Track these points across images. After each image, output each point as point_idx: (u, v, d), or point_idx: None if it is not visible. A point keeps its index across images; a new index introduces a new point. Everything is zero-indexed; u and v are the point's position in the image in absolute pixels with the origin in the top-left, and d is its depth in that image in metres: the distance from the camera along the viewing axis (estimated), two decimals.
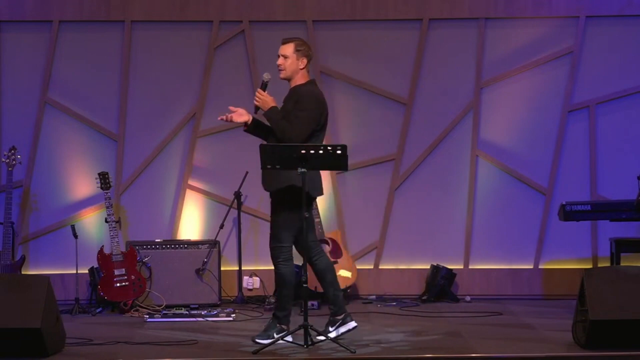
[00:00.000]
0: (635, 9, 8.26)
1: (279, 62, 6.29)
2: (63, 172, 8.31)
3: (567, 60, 8.33)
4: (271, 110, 6.21)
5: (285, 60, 6.27)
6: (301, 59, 6.27)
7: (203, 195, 8.38)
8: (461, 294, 8.21)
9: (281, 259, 6.26)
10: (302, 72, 6.30)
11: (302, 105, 6.20)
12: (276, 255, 6.27)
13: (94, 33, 8.33)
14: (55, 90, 8.31)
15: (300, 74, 6.29)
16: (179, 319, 7.30)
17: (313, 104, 6.22)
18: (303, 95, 6.23)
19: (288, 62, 6.27)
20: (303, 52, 6.28)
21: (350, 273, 8.06)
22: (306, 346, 6.01)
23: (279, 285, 6.35)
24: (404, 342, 6.29)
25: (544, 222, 8.32)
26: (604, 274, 6.06)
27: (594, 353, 5.79)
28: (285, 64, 6.27)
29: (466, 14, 8.33)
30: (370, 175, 8.43)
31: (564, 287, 8.10)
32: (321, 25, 8.39)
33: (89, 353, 6.05)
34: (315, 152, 6.05)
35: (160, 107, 8.41)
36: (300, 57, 6.27)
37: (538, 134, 8.35)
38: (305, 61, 6.29)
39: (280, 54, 6.29)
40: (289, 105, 6.26)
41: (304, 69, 6.30)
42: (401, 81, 8.39)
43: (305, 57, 6.29)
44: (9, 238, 7.74)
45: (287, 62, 6.27)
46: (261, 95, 6.23)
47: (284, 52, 6.29)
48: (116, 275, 7.70)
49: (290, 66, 6.27)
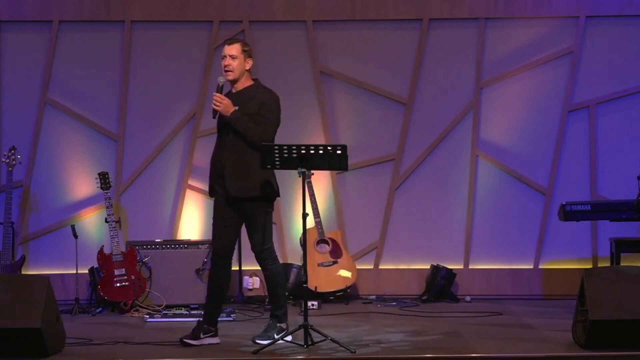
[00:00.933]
0: (635, 9, 8.26)
1: (227, 63, 6.18)
2: (63, 172, 8.31)
3: (567, 60, 8.33)
4: (236, 114, 6.11)
5: (234, 60, 6.20)
6: (247, 59, 6.24)
7: (203, 195, 8.37)
8: (461, 294, 8.21)
9: (269, 260, 6.28)
10: (247, 73, 6.27)
11: (269, 106, 6.19)
12: (265, 257, 6.27)
13: (94, 33, 8.33)
14: (55, 90, 8.31)
15: (246, 75, 6.26)
16: (179, 319, 7.30)
17: (278, 104, 6.25)
18: (267, 96, 6.23)
19: (236, 63, 6.20)
20: (249, 52, 6.25)
21: (350, 273, 8.06)
22: (306, 346, 6.01)
23: (273, 285, 6.34)
24: (404, 342, 6.29)
25: (544, 222, 8.32)
26: (604, 274, 6.06)
27: (594, 353, 5.79)
28: (233, 64, 6.19)
29: (466, 14, 8.33)
30: (370, 175, 8.43)
31: (564, 287, 8.09)
32: (321, 25, 8.39)
33: (89, 353, 6.05)
34: (315, 152, 6.05)
35: (160, 107, 8.41)
36: (247, 58, 6.24)
37: (538, 134, 8.35)
38: (251, 62, 6.27)
39: (228, 55, 6.19)
40: (251, 107, 6.16)
41: (249, 70, 6.28)
42: (401, 81, 8.39)
43: (251, 57, 6.27)
44: (9, 238, 7.74)
45: (235, 62, 6.20)
46: (222, 100, 6.13)
47: (231, 53, 6.19)
48: (116, 275, 7.70)
49: (238, 67, 6.21)
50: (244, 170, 6.16)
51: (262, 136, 6.13)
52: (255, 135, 6.13)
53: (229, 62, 6.19)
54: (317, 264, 8.02)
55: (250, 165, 6.15)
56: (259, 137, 6.13)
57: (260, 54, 8.39)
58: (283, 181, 8.30)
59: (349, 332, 6.67)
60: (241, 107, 6.15)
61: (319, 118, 8.41)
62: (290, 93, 8.39)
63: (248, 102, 6.18)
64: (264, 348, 5.98)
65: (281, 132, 8.28)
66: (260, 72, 8.36)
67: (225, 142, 6.20)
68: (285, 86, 8.40)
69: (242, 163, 6.16)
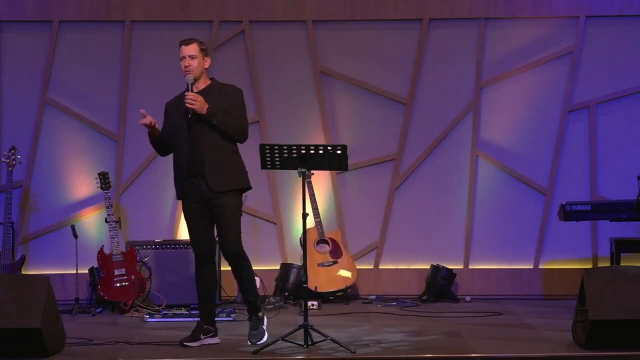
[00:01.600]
0: (635, 9, 8.26)
1: (187, 63, 6.19)
2: (63, 172, 8.32)
3: (567, 60, 8.33)
4: (212, 110, 6.11)
5: (193, 60, 6.20)
6: (206, 58, 6.26)
7: None
8: (461, 294, 8.21)
9: (244, 254, 6.28)
10: (205, 72, 6.28)
11: (240, 102, 6.25)
12: (242, 252, 6.25)
13: (94, 33, 8.33)
14: (55, 90, 8.32)
15: (205, 73, 6.28)
16: (179, 319, 7.30)
17: (243, 97, 6.31)
18: (234, 90, 6.27)
19: (196, 62, 6.20)
20: (206, 51, 6.28)
21: (350, 273, 8.06)
22: (306, 346, 6.01)
23: (249, 276, 6.31)
24: (404, 342, 6.28)
25: (544, 222, 8.32)
26: (604, 274, 6.06)
27: (594, 353, 5.79)
28: (193, 64, 6.20)
29: (466, 14, 8.33)
30: (370, 175, 8.43)
31: (564, 287, 8.10)
32: (321, 25, 8.39)
33: (89, 353, 6.05)
34: (315, 152, 6.05)
35: (160, 107, 8.36)
36: (205, 57, 6.25)
37: (538, 134, 8.35)
38: (209, 60, 6.29)
39: (187, 55, 6.20)
40: (223, 102, 6.18)
41: (207, 68, 6.29)
42: (401, 81, 8.39)
43: (208, 56, 6.29)
44: (9, 238, 7.74)
45: (195, 62, 6.20)
46: (196, 98, 6.12)
47: (190, 53, 6.19)
48: (116, 275, 7.70)
49: (198, 66, 6.21)
50: (224, 164, 6.17)
51: (241, 128, 6.18)
52: (236, 129, 6.17)
53: (188, 62, 6.20)
54: (317, 264, 8.02)
55: (228, 158, 6.19)
56: (239, 130, 6.18)
57: (260, 54, 8.39)
58: (283, 181, 8.35)
59: (349, 332, 6.66)
60: (212, 104, 6.15)
61: (319, 118, 8.41)
62: (290, 93, 8.42)
63: (218, 98, 6.19)
64: (264, 347, 5.97)
65: (281, 132, 8.34)
66: (260, 72, 8.38)
67: (198, 139, 6.17)
68: (285, 86, 8.42)
69: (221, 157, 6.16)
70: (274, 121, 8.41)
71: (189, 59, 6.20)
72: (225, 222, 6.18)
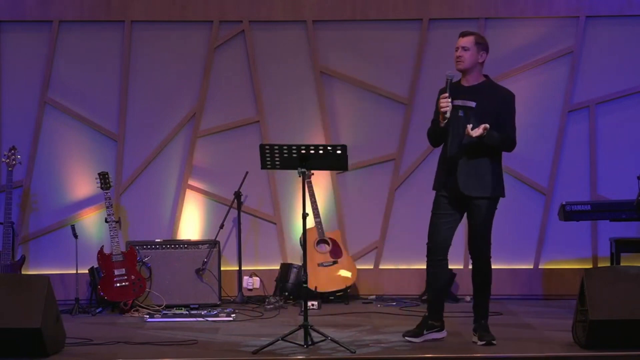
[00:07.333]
0: (635, 9, 8.26)
1: (460, 54, 6.17)
2: (63, 172, 8.31)
3: (567, 60, 8.33)
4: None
5: (465, 52, 6.20)
6: (481, 52, 6.21)
7: (203, 195, 8.38)
8: (461, 294, 8.21)
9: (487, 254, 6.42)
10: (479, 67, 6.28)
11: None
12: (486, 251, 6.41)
13: (94, 33, 8.33)
14: (55, 90, 8.31)
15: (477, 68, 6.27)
16: (179, 319, 7.30)
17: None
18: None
19: (468, 54, 6.21)
20: (483, 45, 6.23)
21: (350, 273, 8.06)
22: (306, 346, 6.01)
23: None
24: (404, 342, 6.28)
25: (544, 222, 8.32)
26: (604, 274, 6.06)
27: (594, 353, 5.79)
28: (465, 55, 6.20)
29: (466, 14, 8.33)
30: (370, 175, 8.43)
31: (564, 287, 8.10)
32: (321, 25, 8.39)
33: (89, 353, 6.05)
34: (315, 152, 6.05)
35: (160, 107, 8.41)
36: (480, 51, 6.21)
37: (538, 134, 8.35)
38: (485, 55, 6.25)
39: (460, 46, 6.20)
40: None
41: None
42: (401, 81, 8.39)
43: (485, 51, 6.26)
44: (9, 238, 7.74)
45: (467, 54, 6.20)
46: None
47: (463, 44, 6.20)
48: (116, 275, 7.70)
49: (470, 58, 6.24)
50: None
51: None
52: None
53: (460, 53, 6.20)
54: (317, 264, 8.02)
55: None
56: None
57: (260, 54, 8.39)
58: (283, 181, 8.35)
59: (349, 332, 6.67)
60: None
61: (319, 118, 8.41)
62: (290, 93, 8.42)
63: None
64: (264, 348, 5.98)
65: (281, 132, 8.34)
66: (260, 72, 8.38)
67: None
68: (286, 86, 8.42)
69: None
70: (274, 121, 8.41)
71: (462, 50, 6.17)
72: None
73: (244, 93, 8.38)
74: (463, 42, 6.18)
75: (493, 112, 6.12)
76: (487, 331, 6.19)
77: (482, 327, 6.20)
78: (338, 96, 8.43)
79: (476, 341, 6.16)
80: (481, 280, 6.29)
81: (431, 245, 6.32)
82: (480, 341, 6.12)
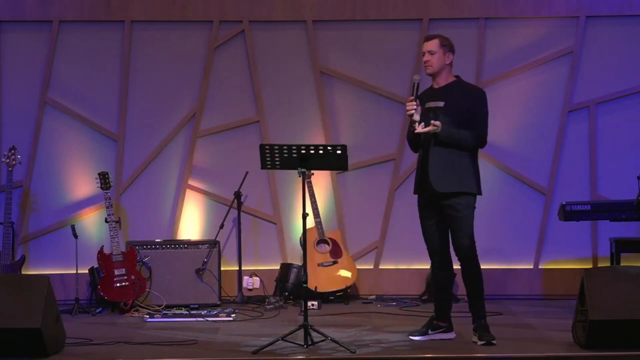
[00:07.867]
0: (635, 9, 8.26)
1: (427, 59, 6.20)
2: (63, 172, 8.32)
3: (567, 60, 8.33)
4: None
5: (432, 55, 6.21)
6: (447, 54, 6.23)
7: (203, 195, 8.38)
8: (461, 294, 8.20)
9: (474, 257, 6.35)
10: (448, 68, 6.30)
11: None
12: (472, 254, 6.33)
13: (94, 33, 8.33)
14: (55, 90, 8.32)
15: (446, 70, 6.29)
16: (179, 319, 7.30)
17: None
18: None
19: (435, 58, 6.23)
20: (448, 47, 6.24)
21: (350, 273, 8.06)
22: (306, 346, 6.01)
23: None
24: (404, 342, 6.29)
25: (544, 222, 8.32)
26: (604, 274, 6.06)
27: (594, 353, 5.79)
28: (432, 59, 6.22)
29: (466, 14, 8.33)
30: (370, 175, 8.43)
31: (564, 287, 8.10)
32: (321, 25, 8.39)
33: (89, 353, 6.05)
34: (315, 152, 6.05)
35: (160, 107, 8.41)
36: (447, 53, 6.23)
37: (538, 134, 8.35)
38: (451, 56, 6.27)
39: (426, 51, 6.23)
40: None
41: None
42: (401, 81, 8.39)
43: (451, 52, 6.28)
44: (9, 238, 7.74)
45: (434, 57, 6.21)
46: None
47: (429, 49, 6.23)
48: (116, 275, 7.70)
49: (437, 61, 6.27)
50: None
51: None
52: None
53: (427, 57, 6.22)
54: (317, 264, 8.02)
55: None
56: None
57: (260, 54, 8.39)
58: (283, 181, 8.35)
59: (349, 332, 6.67)
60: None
61: (319, 118, 8.41)
62: (290, 93, 8.42)
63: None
64: (264, 348, 5.98)
65: (281, 132, 8.34)
66: (260, 72, 8.38)
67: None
68: (285, 86, 8.42)
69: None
70: (274, 121, 8.41)
71: (428, 55, 6.20)
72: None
73: (244, 93, 8.38)
74: (429, 47, 6.22)
75: (463, 110, 6.13)
76: (487, 331, 6.18)
77: (482, 327, 6.20)
78: (338, 96, 8.43)
79: (476, 341, 6.15)
80: (470, 280, 6.28)
81: (427, 248, 6.34)
82: (480, 341, 6.12)
